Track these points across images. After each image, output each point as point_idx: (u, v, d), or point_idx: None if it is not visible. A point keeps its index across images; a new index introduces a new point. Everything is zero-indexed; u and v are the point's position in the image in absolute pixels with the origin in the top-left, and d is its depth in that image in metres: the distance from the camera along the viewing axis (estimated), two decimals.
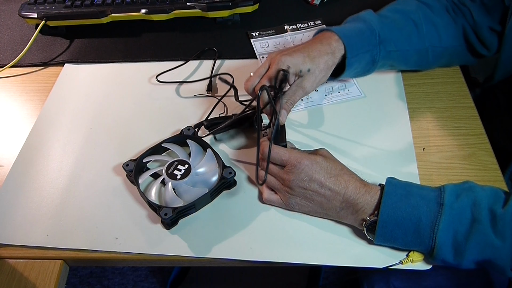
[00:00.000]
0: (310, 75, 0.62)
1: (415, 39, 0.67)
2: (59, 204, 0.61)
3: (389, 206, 0.52)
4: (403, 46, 0.67)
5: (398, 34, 0.66)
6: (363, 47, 0.64)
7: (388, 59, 0.68)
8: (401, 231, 0.52)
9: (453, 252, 0.50)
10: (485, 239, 0.49)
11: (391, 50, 0.66)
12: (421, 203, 0.52)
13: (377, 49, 0.65)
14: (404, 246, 0.54)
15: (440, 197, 0.52)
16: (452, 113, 0.70)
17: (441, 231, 0.50)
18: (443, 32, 0.67)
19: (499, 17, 0.65)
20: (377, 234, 0.53)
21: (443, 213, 0.50)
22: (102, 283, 1.29)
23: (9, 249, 0.58)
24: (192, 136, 0.65)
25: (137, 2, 0.85)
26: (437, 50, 0.68)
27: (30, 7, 0.85)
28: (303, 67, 0.61)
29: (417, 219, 0.51)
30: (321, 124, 0.69)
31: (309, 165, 0.55)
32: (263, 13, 0.88)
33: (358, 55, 0.64)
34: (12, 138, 0.71)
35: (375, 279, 0.72)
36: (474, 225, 0.49)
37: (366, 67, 0.67)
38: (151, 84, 0.77)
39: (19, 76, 0.81)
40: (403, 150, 0.65)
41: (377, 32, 0.65)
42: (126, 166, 0.62)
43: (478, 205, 0.50)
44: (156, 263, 0.59)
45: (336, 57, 0.64)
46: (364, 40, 0.64)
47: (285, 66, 0.60)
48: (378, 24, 0.65)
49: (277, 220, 0.59)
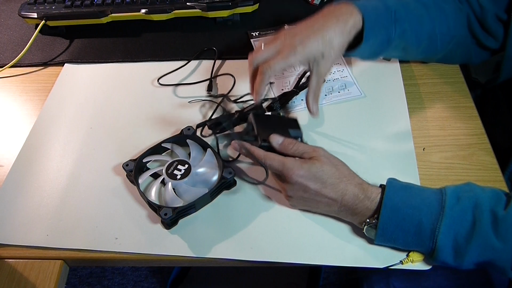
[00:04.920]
0: (325, 60, 0.60)
1: (427, 21, 0.64)
2: (59, 204, 0.61)
3: (390, 208, 0.52)
4: (417, 27, 0.64)
5: (411, 15, 0.63)
6: (380, 22, 0.61)
7: (402, 40, 0.64)
8: (401, 232, 0.52)
9: (453, 254, 0.50)
10: (486, 241, 0.49)
11: (406, 30, 0.63)
12: (422, 205, 0.51)
13: (393, 27, 0.62)
14: (405, 246, 0.54)
15: (442, 199, 0.51)
16: (452, 113, 0.70)
17: (442, 234, 0.50)
18: (451, 19, 0.65)
19: (506, 5, 0.63)
20: (377, 234, 0.53)
21: (444, 216, 0.50)
22: (102, 283, 1.29)
23: (9, 249, 0.58)
24: (192, 136, 0.65)
25: (137, 2, 0.85)
26: (445, 38, 0.66)
27: (30, 7, 0.85)
28: (317, 55, 0.59)
29: (418, 221, 0.51)
30: (321, 124, 0.69)
31: (303, 175, 0.53)
32: (263, 13, 0.88)
33: (374, 30, 0.61)
34: (12, 138, 0.71)
35: (375, 279, 0.72)
36: (475, 227, 0.49)
37: (381, 46, 0.64)
38: (151, 84, 0.77)
39: (19, 76, 0.81)
40: (403, 150, 0.65)
41: (392, 10, 0.62)
42: (126, 166, 0.61)
43: (479, 207, 0.50)
44: (156, 263, 0.59)
45: (351, 35, 0.61)
46: (380, 15, 0.62)
47: (297, 60, 0.58)
48: (393, 1, 0.63)
49: (277, 220, 0.59)
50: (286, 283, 1.11)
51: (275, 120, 0.65)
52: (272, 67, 0.58)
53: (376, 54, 0.66)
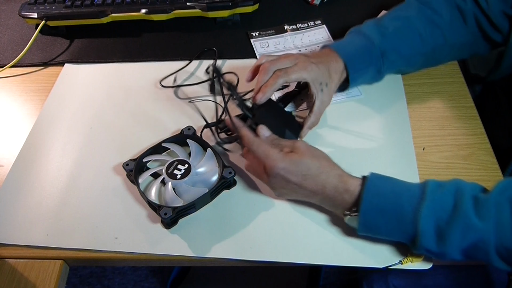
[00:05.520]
0: (328, 89, 0.64)
1: (418, 44, 0.66)
2: (59, 204, 0.61)
3: (371, 195, 0.52)
4: (407, 53, 0.67)
5: (399, 42, 0.66)
6: (365, 61, 0.65)
7: (394, 67, 0.69)
8: (383, 218, 0.52)
9: (436, 239, 0.50)
10: (467, 223, 0.48)
11: (395, 60, 0.67)
12: (404, 191, 0.52)
13: (380, 61, 0.66)
14: (387, 235, 0.54)
15: (423, 186, 0.52)
16: (452, 113, 0.70)
17: (423, 217, 0.50)
18: (447, 30, 0.66)
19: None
20: (359, 222, 0.53)
21: (425, 199, 0.50)
22: (102, 283, 1.29)
23: (9, 249, 0.58)
24: (192, 135, 0.65)
25: (137, 2, 0.85)
26: (444, 48, 0.68)
27: (30, 7, 0.85)
28: (324, 81, 0.63)
29: (400, 206, 0.51)
30: (320, 124, 0.69)
31: (284, 168, 0.54)
32: (263, 13, 0.88)
33: (360, 71, 0.66)
34: (12, 138, 0.71)
35: (374, 279, 0.72)
36: (456, 210, 0.49)
37: (374, 78, 0.68)
38: (151, 84, 0.77)
39: (19, 76, 0.81)
40: (403, 150, 0.65)
41: (377, 46, 0.65)
42: (126, 165, 0.62)
43: (460, 192, 0.50)
44: (156, 263, 0.59)
45: (343, 75, 0.66)
46: (365, 55, 0.65)
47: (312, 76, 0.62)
48: (377, 37, 0.65)
49: (277, 220, 0.59)
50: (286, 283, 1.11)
51: (281, 114, 0.65)
52: (289, 75, 0.61)
53: (372, 82, 0.70)
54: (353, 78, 0.65)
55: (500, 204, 0.48)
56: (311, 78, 0.62)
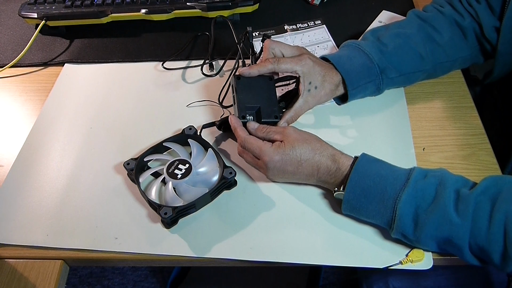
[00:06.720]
0: (316, 93, 0.64)
1: (418, 62, 0.67)
2: (59, 204, 0.61)
3: (358, 174, 0.54)
4: (406, 71, 0.67)
5: (399, 61, 0.66)
6: (363, 79, 0.66)
7: (393, 84, 0.69)
8: (366, 199, 0.53)
9: (413, 225, 0.51)
10: (445, 216, 0.49)
11: (394, 77, 0.67)
12: (390, 175, 0.54)
13: (379, 78, 0.66)
14: (367, 217, 0.55)
15: (409, 173, 0.53)
16: (452, 113, 0.70)
17: (403, 203, 0.51)
18: (448, 47, 0.67)
19: (499, 14, 0.65)
20: (343, 201, 0.55)
21: (408, 186, 0.52)
22: (102, 283, 1.29)
23: (9, 249, 0.58)
24: (193, 135, 0.65)
25: (137, 2, 0.85)
26: (445, 64, 0.69)
27: (30, 7, 0.85)
28: (317, 81, 0.64)
29: (383, 189, 0.52)
30: (320, 124, 0.69)
31: (280, 160, 0.57)
32: (263, 13, 0.88)
33: (359, 87, 0.66)
34: (12, 138, 0.71)
35: (374, 279, 0.73)
36: (436, 201, 0.50)
37: (373, 93, 0.69)
38: (151, 84, 0.77)
39: (19, 76, 0.81)
40: (403, 150, 0.65)
41: (376, 63, 0.65)
42: (127, 164, 0.62)
43: (443, 185, 0.51)
44: (156, 263, 0.59)
45: (339, 90, 0.66)
46: (363, 73, 0.65)
47: (304, 70, 0.62)
48: (377, 55, 0.66)
49: (277, 220, 0.59)
50: (286, 283, 1.11)
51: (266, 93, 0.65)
52: (280, 64, 0.62)
53: (372, 95, 0.70)
54: (352, 94, 0.66)
55: (480, 202, 0.49)
56: (302, 72, 0.63)
